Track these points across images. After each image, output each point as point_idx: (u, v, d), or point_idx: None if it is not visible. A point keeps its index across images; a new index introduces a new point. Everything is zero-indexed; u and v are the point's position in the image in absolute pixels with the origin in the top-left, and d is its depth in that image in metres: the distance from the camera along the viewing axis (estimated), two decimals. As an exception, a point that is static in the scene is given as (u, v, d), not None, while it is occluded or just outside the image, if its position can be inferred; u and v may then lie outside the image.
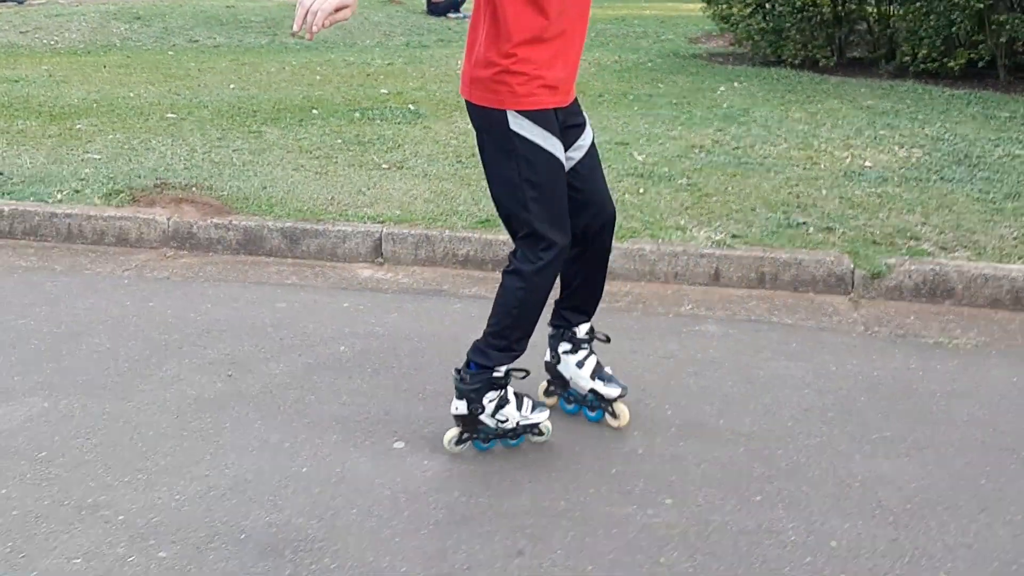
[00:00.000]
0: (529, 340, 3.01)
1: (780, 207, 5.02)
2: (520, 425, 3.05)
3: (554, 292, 3.03)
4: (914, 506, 2.79)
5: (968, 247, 4.52)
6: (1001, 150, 6.10)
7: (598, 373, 3.22)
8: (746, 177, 5.53)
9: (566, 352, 3.23)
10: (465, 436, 3.05)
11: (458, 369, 3.04)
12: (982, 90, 8.11)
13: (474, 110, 2.87)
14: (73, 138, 6.34)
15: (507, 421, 3.03)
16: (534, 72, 2.76)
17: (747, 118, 6.98)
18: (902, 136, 6.47)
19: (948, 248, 4.52)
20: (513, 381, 3.05)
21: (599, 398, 3.22)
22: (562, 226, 2.88)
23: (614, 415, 3.22)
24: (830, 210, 4.99)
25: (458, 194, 5.24)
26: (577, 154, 2.98)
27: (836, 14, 9.18)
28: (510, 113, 2.78)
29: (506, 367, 3.00)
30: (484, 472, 2.95)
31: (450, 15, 13.24)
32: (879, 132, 6.59)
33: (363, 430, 3.18)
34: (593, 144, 3.04)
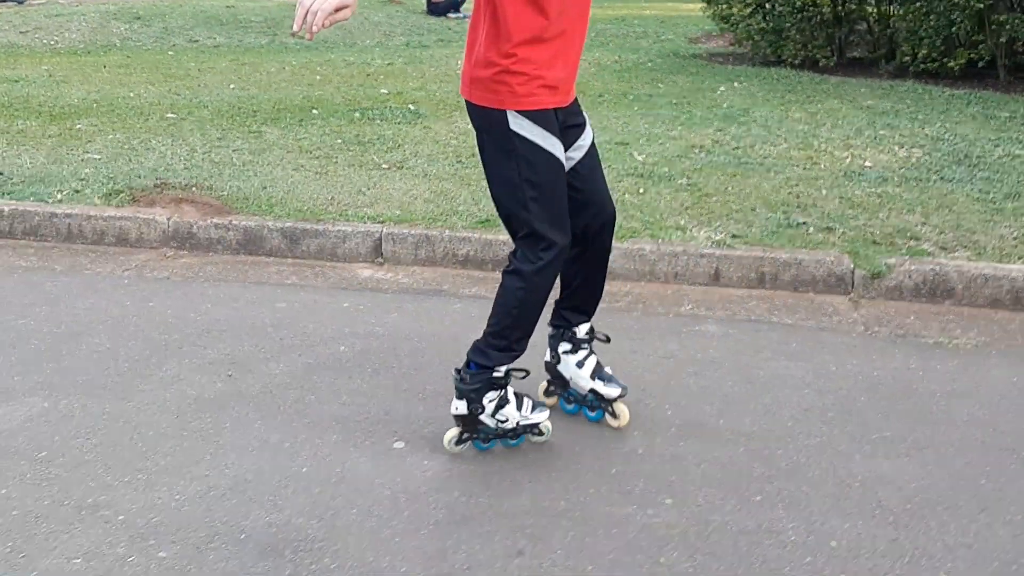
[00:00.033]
0: (529, 340, 3.01)
1: (780, 207, 5.02)
2: (520, 425, 3.05)
3: (554, 292, 3.02)
4: (914, 506, 2.79)
5: (968, 247, 4.52)
6: (1001, 150, 6.10)
7: (598, 373, 3.21)
8: (746, 177, 5.53)
9: (566, 352, 3.23)
10: (465, 436, 3.05)
11: (458, 369, 3.04)
12: (982, 90, 8.11)
13: (474, 110, 2.87)
14: (73, 138, 6.34)
15: (507, 421, 3.02)
16: (534, 72, 2.75)
17: (747, 118, 6.98)
18: (902, 136, 6.47)
19: (948, 248, 4.52)
20: (513, 381, 3.05)
21: (599, 398, 3.21)
22: (562, 226, 2.87)
23: (614, 415, 3.22)
24: (830, 210, 4.99)
25: (458, 194, 5.24)
26: (577, 154, 2.98)
27: (836, 14, 9.18)
28: (510, 113, 2.77)
29: (506, 367, 3.00)
30: (484, 472, 2.95)
31: (450, 15, 13.24)
32: (879, 132, 6.59)
33: (363, 430, 3.18)
34: (593, 144, 3.04)
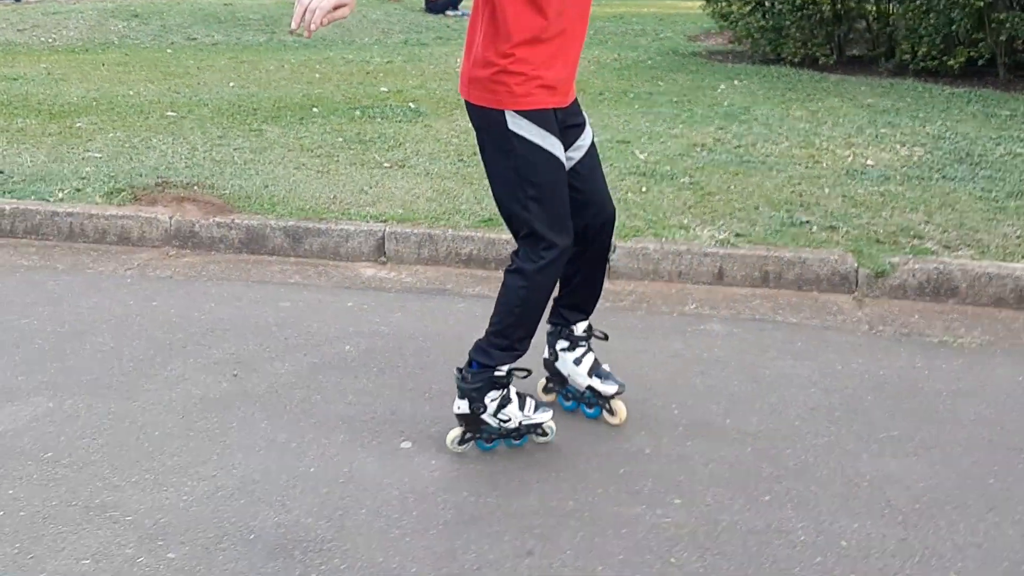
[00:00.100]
0: (531, 340, 3.02)
1: (783, 206, 5.02)
2: (523, 425, 3.05)
3: (554, 291, 3.02)
4: (923, 505, 2.79)
5: (971, 246, 4.52)
6: (1003, 148, 6.10)
7: (595, 370, 3.22)
8: (748, 176, 5.53)
9: (563, 349, 3.24)
10: (468, 436, 3.05)
11: (459, 368, 3.04)
12: (982, 88, 8.10)
13: (473, 110, 2.87)
14: (73, 136, 6.33)
15: (509, 421, 3.02)
16: (532, 72, 2.75)
17: (748, 116, 6.98)
18: (903, 134, 6.47)
19: (952, 247, 4.52)
20: (516, 381, 3.05)
21: (596, 395, 3.23)
22: (563, 226, 2.87)
23: (611, 412, 3.24)
24: (833, 209, 4.99)
25: (460, 193, 5.23)
26: (577, 154, 2.98)
27: (836, 12, 9.17)
28: (508, 113, 2.77)
29: (508, 366, 3.00)
30: (492, 472, 2.95)
31: (448, 13, 13.21)
32: (880, 130, 6.58)
33: (370, 430, 3.17)
34: (593, 144, 3.04)
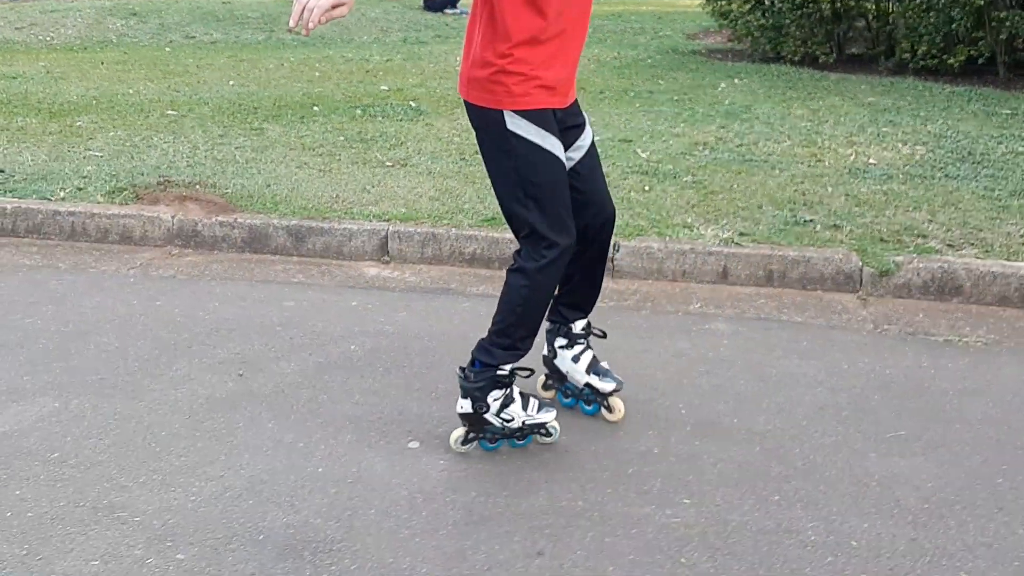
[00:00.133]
0: (534, 339, 3.02)
1: (787, 205, 5.01)
2: (526, 425, 3.05)
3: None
4: (932, 505, 2.78)
5: (975, 244, 4.52)
6: (1004, 147, 6.10)
7: (593, 368, 3.24)
8: (751, 174, 5.53)
9: (562, 347, 3.25)
10: (471, 435, 3.05)
11: (462, 367, 3.04)
12: (982, 87, 8.10)
13: (472, 110, 2.88)
14: (74, 135, 6.31)
15: (512, 420, 3.02)
16: (531, 72, 2.76)
17: (749, 115, 6.98)
18: (905, 133, 6.47)
19: (955, 246, 4.52)
20: (519, 381, 3.05)
21: (594, 392, 3.24)
22: (564, 225, 2.87)
23: (609, 409, 3.25)
24: (837, 208, 4.99)
25: (463, 192, 5.22)
26: (577, 154, 2.98)
27: (835, 10, 9.18)
28: (507, 113, 2.77)
29: (510, 366, 3.00)
30: (500, 472, 2.94)
31: (447, 11, 13.20)
32: (881, 129, 6.58)
33: (377, 430, 3.17)
34: (593, 144, 3.05)
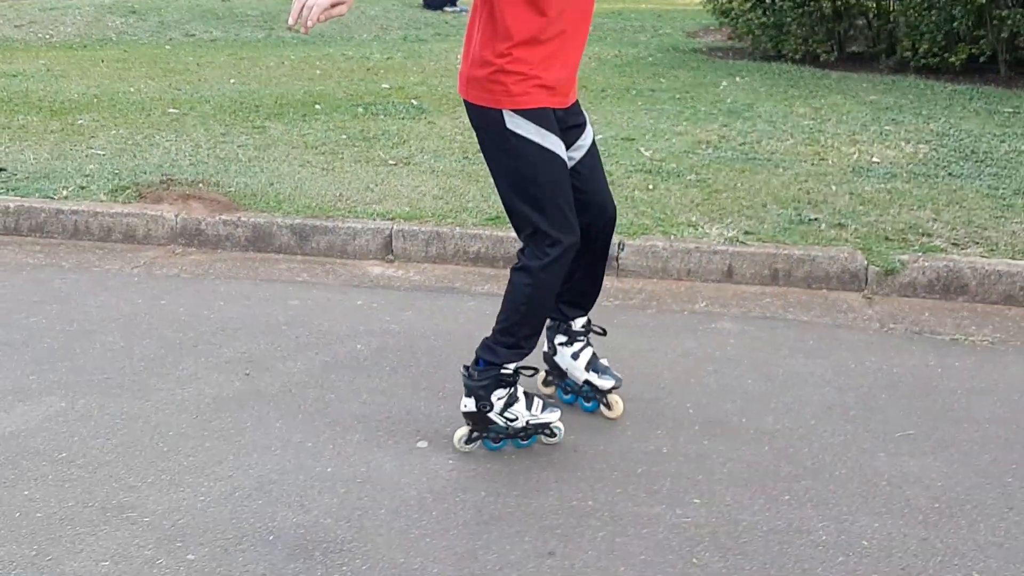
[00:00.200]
0: (538, 338, 3.02)
1: (791, 203, 5.01)
2: (530, 424, 3.04)
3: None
4: (942, 504, 2.78)
5: (980, 243, 4.52)
6: (1007, 145, 6.10)
7: (593, 365, 3.25)
8: (755, 173, 5.52)
9: (562, 344, 3.26)
10: (475, 435, 3.04)
11: (466, 366, 3.03)
12: (983, 85, 8.09)
13: (472, 109, 2.88)
14: (75, 133, 6.29)
15: (516, 420, 3.02)
16: (530, 72, 2.76)
17: (751, 113, 6.97)
18: (907, 132, 6.47)
19: (960, 244, 4.52)
20: (523, 381, 3.05)
21: (594, 389, 3.25)
22: (567, 224, 2.87)
23: (608, 406, 3.26)
24: (841, 206, 4.98)
25: (467, 190, 5.22)
26: (577, 154, 2.98)
27: (836, 9, 9.17)
28: (506, 112, 2.78)
29: (514, 364, 3.00)
30: (509, 471, 2.94)
31: (446, 9, 13.18)
32: (884, 127, 6.58)
33: (385, 429, 3.16)
34: (594, 143, 3.05)
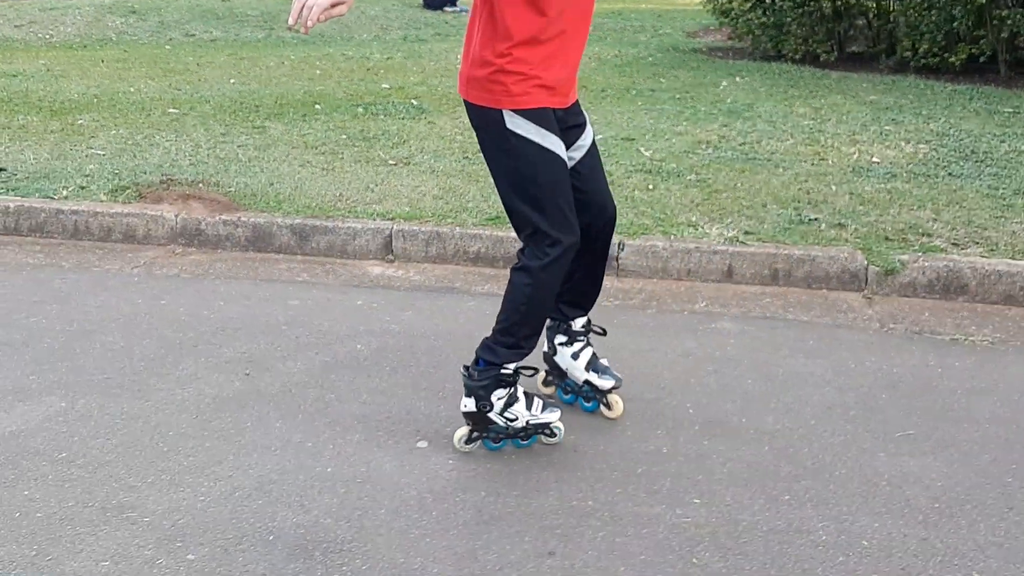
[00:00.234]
0: (538, 338, 3.02)
1: (791, 203, 5.01)
2: (530, 425, 3.04)
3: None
4: (942, 504, 2.78)
5: (980, 243, 4.52)
6: (1007, 146, 6.10)
7: (593, 365, 3.25)
8: (755, 173, 5.52)
9: (562, 344, 3.26)
10: (475, 435, 3.04)
11: (466, 366, 3.04)
12: (983, 85, 8.09)
13: (472, 109, 2.88)
14: (75, 133, 6.29)
15: (516, 420, 3.02)
16: (530, 72, 2.76)
17: (752, 113, 6.97)
18: (907, 132, 6.46)
19: (960, 244, 4.52)
20: (523, 381, 3.05)
21: (594, 389, 3.26)
22: (567, 223, 2.87)
23: (608, 406, 3.26)
24: (841, 206, 4.98)
25: (467, 190, 5.21)
26: (577, 154, 2.99)
27: (836, 9, 9.17)
28: (506, 112, 2.78)
29: (514, 364, 3.00)
30: (509, 472, 2.94)
31: (446, 8, 13.18)
32: (884, 127, 6.58)
33: (385, 429, 3.16)
34: (594, 143, 3.05)
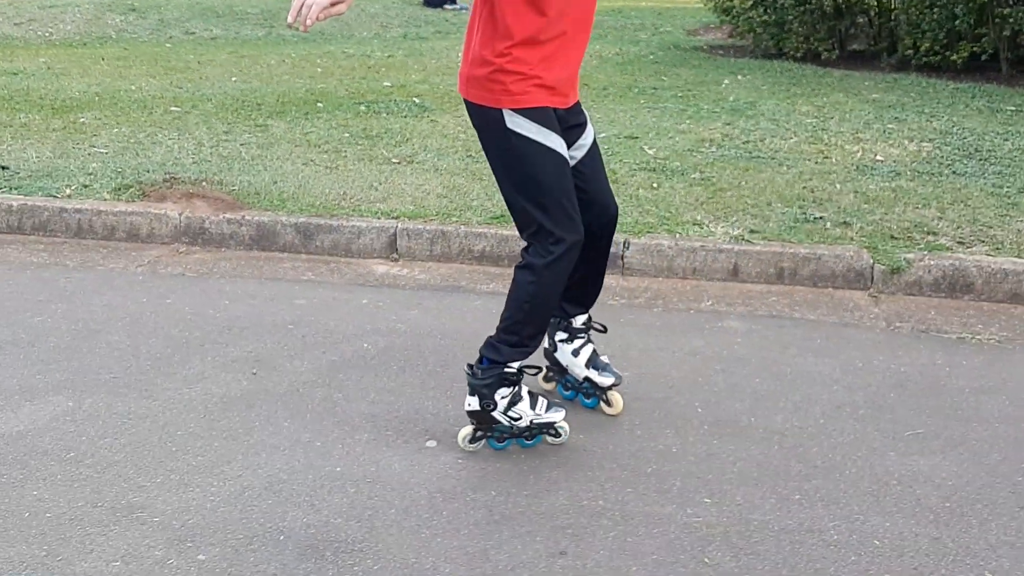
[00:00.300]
0: (542, 337, 3.02)
1: (796, 202, 5.00)
2: (535, 424, 3.04)
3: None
4: (953, 504, 2.78)
5: (986, 242, 4.52)
6: (1011, 144, 6.10)
7: (593, 362, 3.25)
8: (759, 171, 5.52)
9: (562, 341, 3.27)
10: (479, 434, 3.04)
11: (470, 364, 3.03)
12: (985, 83, 8.08)
13: (472, 109, 2.88)
14: (78, 132, 6.28)
15: (520, 419, 3.01)
16: (530, 71, 2.76)
17: (754, 111, 6.96)
18: (911, 130, 6.46)
19: (966, 243, 4.51)
20: (528, 380, 3.05)
21: (594, 386, 3.26)
22: (571, 222, 2.87)
23: (608, 403, 3.27)
24: (846, 205, 4.98)
25: (471, 189, 5.21)
26: (579, 153, 2.99)
27: (837, 6, 9.16)
28: (506, 112, 2.78)
29: (518, 363, 3.00)
30: (519, 471, 2.93)
31: (447, 6, 13.17)
32: (887, 126, 6.58)
33: (394, 428, 3.15)
34: (595, 143, 3.05)
